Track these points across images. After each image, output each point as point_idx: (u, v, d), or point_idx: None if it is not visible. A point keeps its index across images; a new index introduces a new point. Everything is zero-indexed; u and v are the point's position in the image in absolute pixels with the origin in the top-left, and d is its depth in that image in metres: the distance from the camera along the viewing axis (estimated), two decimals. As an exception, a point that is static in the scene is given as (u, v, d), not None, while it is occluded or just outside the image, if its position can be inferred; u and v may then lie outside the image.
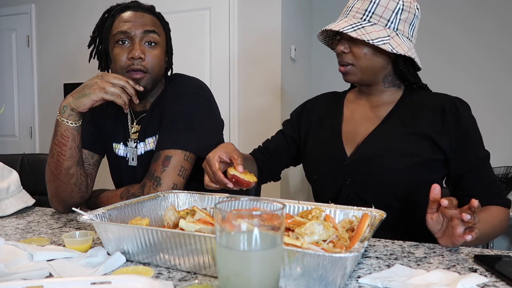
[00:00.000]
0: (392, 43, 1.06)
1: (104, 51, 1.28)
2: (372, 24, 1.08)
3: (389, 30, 1.08)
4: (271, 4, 2.92)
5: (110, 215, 0.88)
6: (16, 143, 3.91)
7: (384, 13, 1.07)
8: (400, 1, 1.08)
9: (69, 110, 1.13)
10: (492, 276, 0.72)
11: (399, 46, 1.07)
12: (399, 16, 1.08)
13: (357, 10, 1.10)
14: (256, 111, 2.97)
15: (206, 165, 1.00)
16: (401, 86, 1.20)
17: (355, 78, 1.15)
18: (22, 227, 1.09)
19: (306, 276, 0.64)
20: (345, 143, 1.17)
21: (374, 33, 1.06)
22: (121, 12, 1.25)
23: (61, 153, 1.15)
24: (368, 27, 1.07)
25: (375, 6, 1.08)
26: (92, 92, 1.11)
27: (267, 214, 0.56)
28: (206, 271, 0.73)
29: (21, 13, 3.80)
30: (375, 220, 0.82)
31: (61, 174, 1.16)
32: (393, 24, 1.08)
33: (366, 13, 1.08)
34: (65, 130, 1.14)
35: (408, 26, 1.10)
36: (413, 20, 1.11)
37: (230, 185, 0.95)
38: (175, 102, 1.26)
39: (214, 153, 0.99)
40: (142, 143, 1.29)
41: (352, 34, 1.06)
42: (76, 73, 3.59)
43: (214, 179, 0.97)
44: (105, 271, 0.73)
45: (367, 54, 1.10)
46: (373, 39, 1.05)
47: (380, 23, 1.08)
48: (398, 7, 1.08)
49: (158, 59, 1.24)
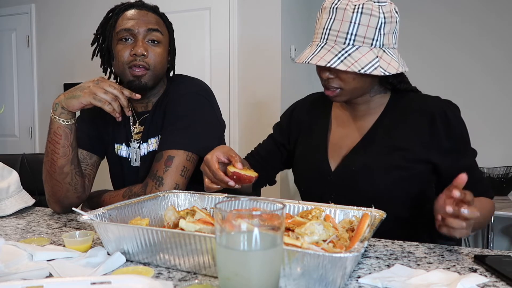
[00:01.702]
0: (383, 64, 0.99)
1: (107, 49, 1.29)
2: (357, 48, 0.98)
3: (376, 49, 0.99)
4: (271, 4, 2.92)
5: (110, 215, 0.88)
6: (16, 143, 3.91)
7: (367, 32, 0.98)
8: (380, 15, 0.98)
9: (60, 108, 1.15)
10: (492, 276, 0.72)
11: (390, 65, 1.00)
12: (383, 31, 0.99)
13: (337, 34, 0.99)
14: (256, 111, 2.97)
15: (204, 167, 1.00)
16: (387, 91, 1.14)
17: (344, 99, 1.09)
18: (22, 227, 1.09)
19: (306, 276, 0.64)
20: (330, 156, 1.14)
21: (362, 59, 0.98)
22: (125, 10, 1.25)
23: (54, 151, 1.16)
24: (355, 53, 0.98)
25: (356, 27, 0.97)
26: (82, 95, 1.12)
27: (267, 214, 0.56)
28: (206, 271, 0.73)
29: (21, 13, 3.80)
30: (375, 220, 0.82)
31: (56, 173, 1.17)
32: (379, 41, 0.99)
33: (348, 36, 0.98)
34: (57, 127, 1.15)
35: (392, 36, 1.02)
36: (395, 28, 1.03)
37: (232, 183, 0.95)
38: (177, 102, 1.26)
39: (211, 154, 0.99)
40: (145, 143, 1.30)
41: (340, 67, 0.97)
42: (76, 73, 3.59)
43: (215, 179, 0.97)
44: (105, 271, 0.73)
45: (355, 77, 1.02)
46: (363, 67, 0.97)
47: (365, 44, 0.98)
48: (380, 22, 0.98)
49: (161, 57, 1.24)
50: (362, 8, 0.97)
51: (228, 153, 0.99)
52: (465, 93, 3.05)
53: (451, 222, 0.82)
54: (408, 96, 1.13)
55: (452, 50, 3.11)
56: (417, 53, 3.15)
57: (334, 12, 0.99)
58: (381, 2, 0.99)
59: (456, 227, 0.81)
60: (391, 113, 1.11)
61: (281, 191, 2.94)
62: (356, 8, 0.97)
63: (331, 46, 0.99)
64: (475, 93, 3.04)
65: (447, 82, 3.09)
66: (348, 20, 0.97)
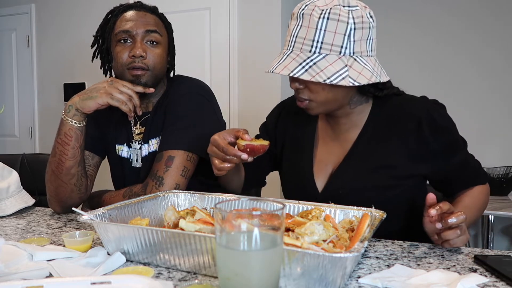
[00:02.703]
0: (352, 73, 0.91)
1: (106, 50, 1.29)
2: (324, 56, 0.91)
3: (345, 57, 0.91)
4: (271, 4, 2.92)
5: (110, 215, 0.88)
6: (16, 143, 3.91)
7: (334, 39, 0.90)
8: (350, 20, 0.90)
9: (74, 110, 1.15)
10: (492, 276, 0.72)
11: (360, 74, 0.92)
12: (353, 38, 0.91)
13: (302, 41, 0.92)
14: (256, 111, 2.97)
15: (212, 147, 0.97)
16: (369, 100, 1.07)
17: (318, 111, 1.02)
18: (22, 227, 1.09)
19: (306, 276, 0.64)
20: (316, 175, 1.10)
21: (329, 68, 0.90)
22: (123, 12, 1.25)
23: (63, 152, 1.16)
24: (321, 62, 0.91)
25: (322, 34, 0.90)
26: (99, 96, 1.13)
27: (267, 214, 0.56)
28: (206, 271, 0.73)
29: (21, 13, 3.80)
30: (375, 220, 0.82)
31: (62, 174, 1.17)
32: (348, 49, 0.91)
33: (314, 43, 0.91)
34: (69, 129, 1.15)
35: (365, 43, 0.93)
36: (369, 34, 0.94)
37: (245, 156, 0.92)
38: (177, 103, 1.26)
39: (217, 134, 0.97)
40: (146, 144, 1.30)
41: (304, 77, 0.90)
42: (76, 73, 3.59)
43: (226, 156, 0.93)
44: (105, 271, 0.73)
45: (325, 87, 0.95)
46: (329, 77, 0.89)
47: (333, 52, 0.91)
48: (349, 28, 0.90)
49: (160, 57, 1.24)
50: (329, 13, 0.90)
51: (233, 131, 0.96)
52: (465, 93, 3.05)
53: (447, 235, 0.84)
54: (391, 101, 1.06)
55: (450, 50, 3.11)
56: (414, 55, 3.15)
57: (301, 18, 0.93)
58: (351, 6, 0.92)
59: (453, 237, 0.84)
60: (374, 124, 1.06)
61: (281, 191, 2.93)
62: (322, 13, 0.90)
63: (296, 54, 0.93)
64: (475, 93, 3.04)
65: (447, 82, 3.09)
66: (314, 26, 0.91)
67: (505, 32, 2.98)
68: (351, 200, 0.97)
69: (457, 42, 3.09)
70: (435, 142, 1.01)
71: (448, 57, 3.12)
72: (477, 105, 3.04)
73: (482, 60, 3.06)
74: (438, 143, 1.01)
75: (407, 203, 1.06)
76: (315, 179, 1.10)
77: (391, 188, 1.02)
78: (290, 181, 1.19)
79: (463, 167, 1.07)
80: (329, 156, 1.11)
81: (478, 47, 3.05)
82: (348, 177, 1.05)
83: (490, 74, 3.04)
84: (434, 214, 0.82)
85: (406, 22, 3.16)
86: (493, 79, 3.04)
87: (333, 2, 0.92)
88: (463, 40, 3.08)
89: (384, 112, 1.06)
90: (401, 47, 3.17)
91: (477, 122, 3.00)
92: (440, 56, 3.13)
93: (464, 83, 3.08)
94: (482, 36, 3.04)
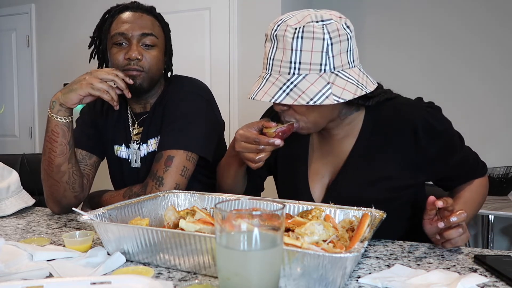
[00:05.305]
0: (336, 90, 0.87)
1: (103, 51, 1.29)
2: (304, 76, 0.87)
3: (326, 75, 0.88)
4: (271, 4, 2.92)
5: (110, 215, 0.88)
6: (16, 143, 3.91)
7: (312, 58, 0.86)
8: (325, 36, 0.86)
9: (58, 106, 1.14)
10: (492, 276, 0.72)
11: (344, 90, 0.88)
12: (331, 53, 0.87)
13: (280, 64, 0.89)
14: (256, 111, 2.96)
15: (240, 143, 0.96)
16: (360, 108, 1.03)
17: (309, 131, 1.00)
18: (22, 227, 1.09)
19: (306, 276, 0.64)
20: (312, 187, 1.07)
21: (311, 88, 0.86)
22: (120, 13, 1.25)
23: (52, 149, 1.15)
24: (301, 83, 0.87)
25: (299, 54, 0.86)
26: (79, 87, 1.12)
27: (267, 214, 0.56)
28: (206, 271, 0.73)
29: (21, 13, 3.80)
30: (375, 220, 0.82)
31: (53, 172, 1.17)
32: (328, 66, 0.88)
33: (292, 65, 0.87)
34: (55, 125, 1.15)
35: (345, 55, 0.90)
36: (348, 45, 0.90)
37: (278, 141, 0.93)
38: (176, 102, 1.26)
39: (242, 129, 0.97)
40: (144, 144, 1.30)
41: (286, 102, 0.87)
42: (76, 73, 3.53)
43: (259, 147, 0.94)
44: (105, 271, 0.73)
45: (309, 108, 0.93)
46: (312, 98, 0.86)
47: (313, 71, 0.87)
48: (325, 44, 0.86)
49: (156, 59, 1.24)
50: (303, 31, 0.86)
51: (254, 124, 0.97)
52: (465, 93, 3.05)
53: (449, 234, 0.84)
54: (384, 107, 1.02)
55: (450, 51, 3.11)
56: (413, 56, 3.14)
57: (274, 40, 0.89)
58: (324, 20, 0.87)
59: (456, 236, 0.84)
60: (369, 133, 1.02)
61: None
62: (296, 32, 0.86)
63: (275, 78, 0.89)
64: (475, 93, 3.04)
65: (446, 82, 3.08)
66: (289, 47, 0.87)
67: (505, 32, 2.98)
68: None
69: (457, 43, 3.09)
70: (433, 148, 0.99)
71: (447, 57, 3.11)
72: (477, 105, 3.04)
73: (482, 61, 3.06)
74: (436, 148, 0.99)
75: (407, 210, 1.06)
76: (312, 191, 1.07)
77: (390, 200, 0.99)
78: (285, 194, 1.15)
79: (462, 164, 1.07)
80: (325, 168, 1.08)
81: (478, 47, 3.05)
82: (345, 189, 1.02)
83: (490, 74, 3.04)
84: (441, 205, 0.83)
85: (404, 22, 3.15)
86: (493, 79, 3.04)
87: (305, 19, 0.87)
88: (463, 40, 3.08)
89: (378, 119, 1.02)
90: (400, 47, 3.16)
91: (477, 122, 2.99)
92: (439, 57, 3.13)
93: (464, 84, 3.08)
94: (482, 37, 3.04)
